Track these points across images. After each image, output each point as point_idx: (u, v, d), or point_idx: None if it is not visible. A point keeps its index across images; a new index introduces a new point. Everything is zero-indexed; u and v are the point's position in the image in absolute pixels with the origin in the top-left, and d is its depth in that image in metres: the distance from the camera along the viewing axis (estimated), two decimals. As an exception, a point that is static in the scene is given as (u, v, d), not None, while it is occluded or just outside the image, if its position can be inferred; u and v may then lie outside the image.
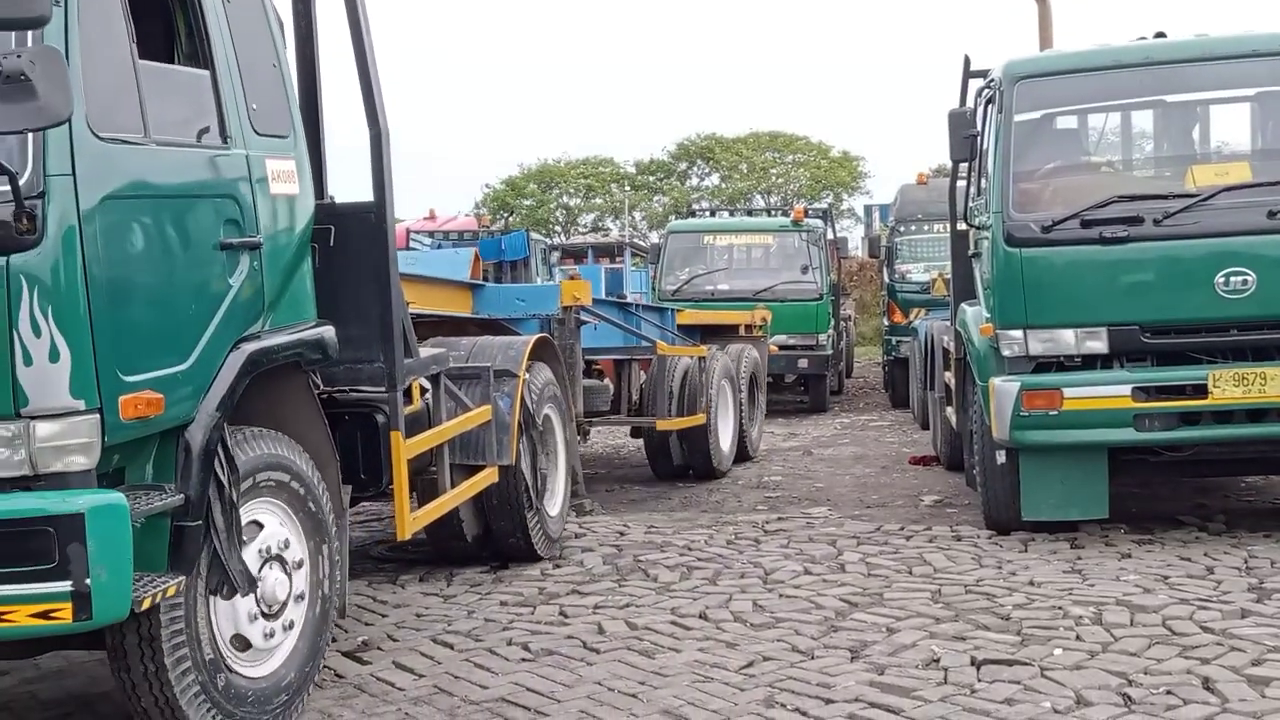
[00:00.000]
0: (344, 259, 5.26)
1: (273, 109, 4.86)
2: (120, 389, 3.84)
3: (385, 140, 5.38)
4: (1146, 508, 8.25)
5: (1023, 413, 7.06)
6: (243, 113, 4.63)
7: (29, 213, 3.59)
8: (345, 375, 5.35)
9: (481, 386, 6.65)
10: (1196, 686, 4.75)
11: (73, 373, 3.69)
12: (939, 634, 5.54)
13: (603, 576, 6.92)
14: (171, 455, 4.13)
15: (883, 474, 10.73)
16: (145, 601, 3.82)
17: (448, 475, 6.29)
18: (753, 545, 7.64)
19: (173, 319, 4.16)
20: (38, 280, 3.63)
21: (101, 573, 3.60)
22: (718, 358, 10.97)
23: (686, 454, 10.68)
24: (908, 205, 17.64)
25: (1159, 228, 7.03)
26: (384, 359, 5.33)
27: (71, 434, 3.70)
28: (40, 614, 3.58)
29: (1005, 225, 7.23)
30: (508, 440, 6.72)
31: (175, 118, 4.29)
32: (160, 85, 4.20)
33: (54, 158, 3.66)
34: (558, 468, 7.65)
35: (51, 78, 3.44)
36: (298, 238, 4.94)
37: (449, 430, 6.22)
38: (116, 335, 3.83)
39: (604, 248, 30.47)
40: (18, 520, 3.57)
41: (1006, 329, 7.25)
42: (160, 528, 4.01)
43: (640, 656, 5.38)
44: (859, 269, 32.41)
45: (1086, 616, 5.72)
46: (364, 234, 5.30)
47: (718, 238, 17.16)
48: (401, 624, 6.05)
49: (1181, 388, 7.02)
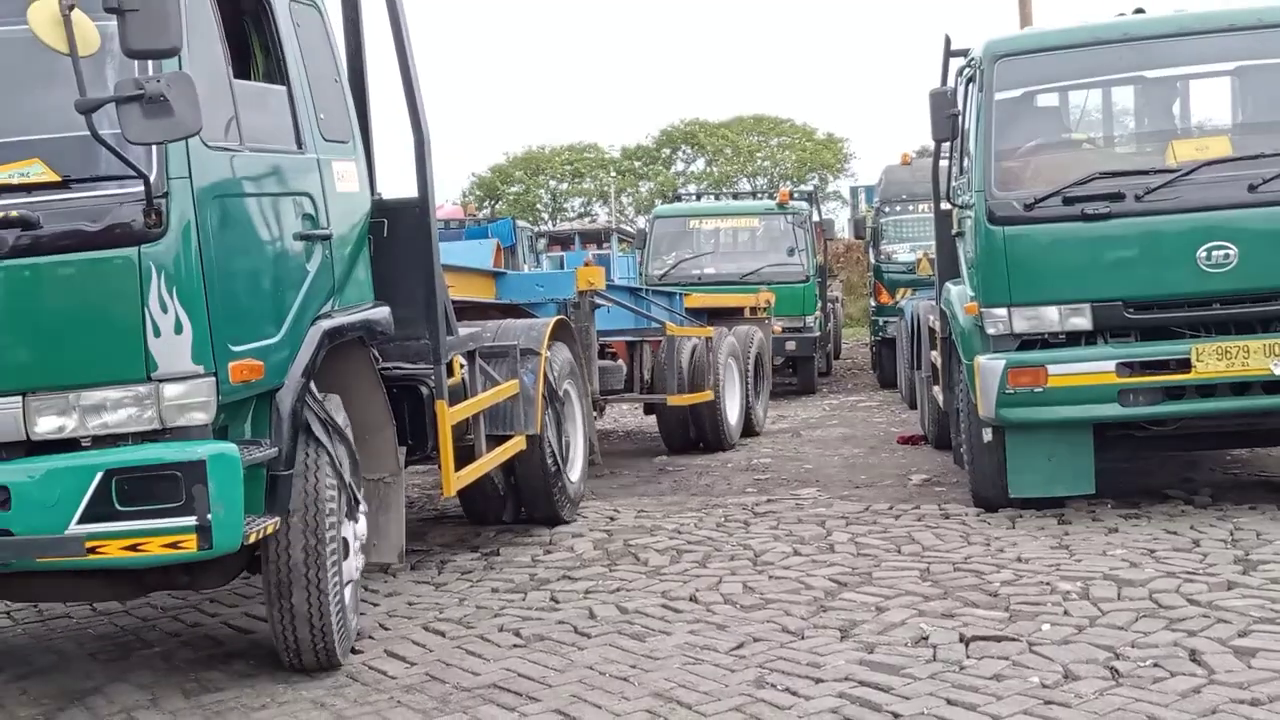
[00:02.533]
0: (393, 248, 5.99)
1: (336, 118, 5.63)
2: (230, 357, 4.54)
3: (427, 145, 6.09)
4: (1132, 483, 8.27)
5: (1008, 390, 7.07)
6: (313, 122, 5.36)
7: (157, 209, 4.29)
8: (396, 351, 6.08)
9: (509, 363, 7.34)
10: (1184, 658, 4.76)
11: (194, 343, 4.38)
12: (928, 612, 5.56)
13: (593, 561, 6.92)
14: (265, 415, 4.81)
15: (871, 454, 10.75)
16: (251, 536, 4.50)
17: (483, 441, 6.94)
18: (742, 527, 7.65)
19: (267, 299, 4.90)
20: (164, 266, 4.32)
21: (220, 509, 4.28)
22: (724, 338, 11.54)
23: (696, 429, 11.23)
24: (892, 186, 17.63)
25: (1140, 203, 7.03)
26: (429, 336, 6.03)
27: (193, 394, 4.40)
28: (170, 544, 4.27)
29: (988, 204, 7.23)
30: (534, 411, 7.39)
31: (261, 127, 5.00)
32: (249, 100, 4.93)
33: (174, 163, 4.37)
34: (577, 438, 8.28)
35: (185, 98, 4.14)
36: (358, 230, 5.73)
37: (485, 401, 6.89)
38: (226, 311, 4.53)
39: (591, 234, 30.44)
40: (151, 467, 4.25)
41: (991, 307, 7.26)
42: (258, 476, 4.67)
43: (631, 640, 5.39)
44: (845, 250, 32.41)
45: (1074, 591, 5.74)
46: (410, 226, 6.02)
47: (704, 222, 17.15)
48: (393, 612, 6.05)
49: (1165, 362, 7.03)
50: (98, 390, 4.32)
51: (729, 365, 11.58)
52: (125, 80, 4.16)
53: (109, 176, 4.28)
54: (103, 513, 4.22)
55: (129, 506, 4.24)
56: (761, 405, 12.84)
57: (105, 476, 4.22)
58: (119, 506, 4.23)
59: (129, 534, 4.24)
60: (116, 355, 4.32)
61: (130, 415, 4.33)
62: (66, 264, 4.29)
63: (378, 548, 5.78)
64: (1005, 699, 4.43)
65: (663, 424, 11.46)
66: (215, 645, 5.68)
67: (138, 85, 4.10)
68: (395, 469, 5.79)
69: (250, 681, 5.11)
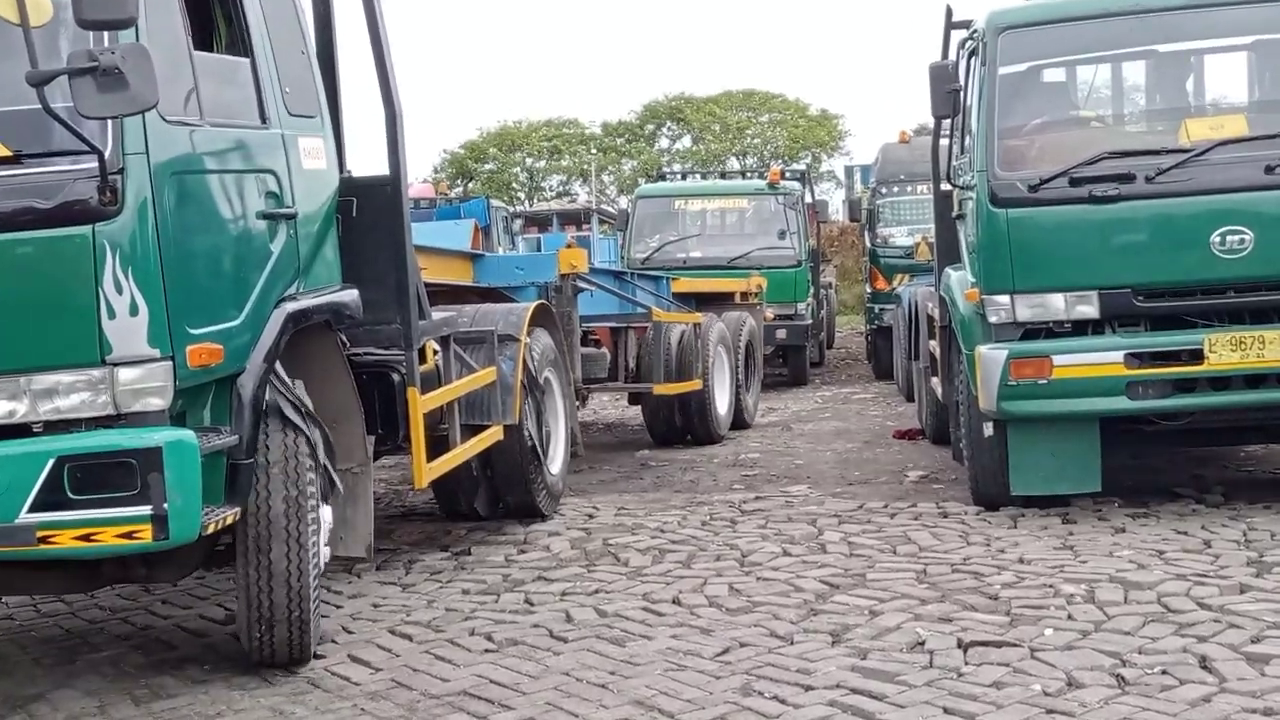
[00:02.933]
0: (363, 228, 6.06)
1: (303, 91, 5.69)
2: (188, 340, 4.63)
3: (399, 120, 6.16)
4: (1141, 480, 8.30)
5: (1010, 382, 7.09)
6: (278, 95, 5.44)
7: (112, 186, 4.34)
8: (365, 336, 6.14)
9: (486, 349, 7.39)
10: (1194, 665, 4.78)
11: (150, 325, 4.47)
12: (924, 616, 5.57)
13: (570, 561, 6.92)
14: (225, 401, 4.90)
15: (865, 449, 10.77)
16: (210, 527, 4.59)
17: (458, 431, 6.99)
18: (728, 526, 7.66)
19: (228, 281, 4.99)
20: (119, 245, 4.39)
21: (177, 498, 4.38)
22: (714, 325, 11.74)
23: (684, 420, 11.36)
24: (889, 166, 17.66)
25: (1151, 185, 7.05)
26: (400, 321, 6.09)
27: (149, 379, 4.49)
28: (125, 534, 4.34)
29: (990, 185, 7.24)
30: (512, 400, 7.46)
31: (223, 101, 5.10)
32: (210, 72, 5.02)
33: (130, 138, 4.42)
34: (559, 428, 8.40)
35: (141, 71, 4.18)
36: (326, 209, 5.81)
37: (459, 389, 6.95)
38: (184, 293, 4.62)
39: (569, 215, 30.40)
40: (105, 454, 4.33)
41: (992, 294, 7.27)
42: (218, 465, 4.77)
43: (610, 645, 5.39)
44: (840, 234, 32.43)
45: (1078, 595, 5.76)
46: (380, 205, 6.09)
47: (689, 202, 17.16)
48: (357, 615, 6.05)
49: (1176, 353, 7.05)
50: (50, 374, 4.38)
51: (718, 353, 11.70)
52: (78, 52, 4.18)
53: (62, 152, 4.32)
54: (54, 501, 4.29)
55: (82, 495, 4.31)
56: (753, 396, 12.98)
57: (57, 464, 4.28)
58: (71, 495, 4.30)
59: (82, 523, 4.32)
60: (69, 338, 4.39)
61: (83, 400, 4.40)
62: (17, 242, 4.34)
63: (345, 541, 5.85)
64: (1005, 708, 4.44)
65: (648, 415, 11.55)
66: (167, 649, 5.67)
67: (91, 57, 4.12)
68: (364, 459, 5.87)
69: (204, 688, 5.11)
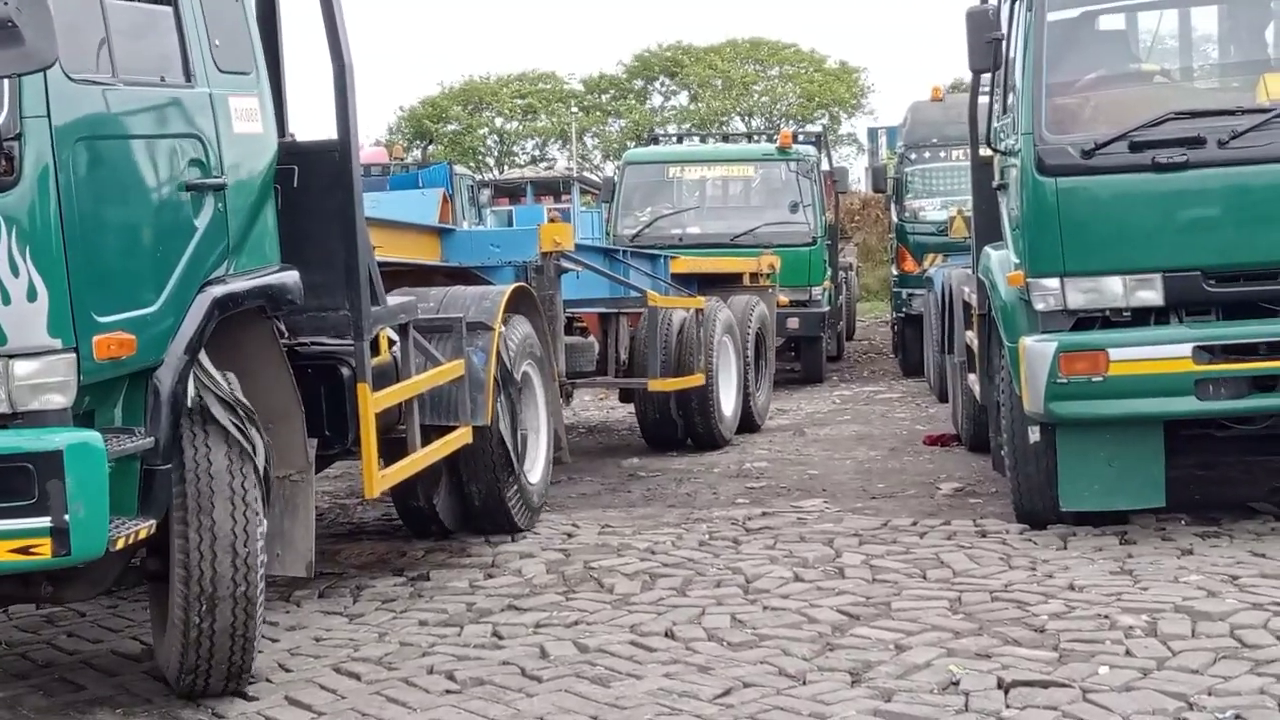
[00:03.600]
0: (307, 201, 6.06)
1: (236, 44, 5.70)
2: (95, 329, 4.67)
3: (350, 75, 6.19)
4: (1211, 494, 8.32)
5: (1060, 379, 7.10)
6: (206, 50, 5.44)
7: (6, 154, 4.39)
8: (309, 324, 6.16)
9: (454, 340, 7.39)
10: (1273, 709, 4.79)
11: (50, 312, 4.51)
12: (958, 651, 5.58)
13: (546, 588, 6.93)
14: (139, 399, 4.95)
15: (891, 457, 10.79)
16: (119, 542, 4.67)
17: (417, 433, 7.00)
18: (731, 547, 7.67)
19: (143, 261, 5.02)
20: (15, 220, 4.45)
21: (80, 509, 4.43)
22: (719, 311, 11.74)
23: (684, 420, 11.39)
24: (920, 127, 17.67)
25: (1225, 151, 7.07)
26: (350, 307, 6.12)
27: (49, 373, 4.54)
28: (20, 549, 4.41)
29: (1037, 150, 7.25)
30: (483, 398, 7.52)
31: (141, 56, 5.11)
32: (125, 23, 5.02)
33: (29, 100, 4.45)
34: (539, 430, 8.46)
35: (37, 25, 4.22)
36: (261, 178, 5.79)
37: (420, 384, 6.97)
38: (91, 275, 4.66)
39: (547, 184, 30.46)
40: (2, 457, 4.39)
41: (1039, 277, 7.28)
42: (130, 471, 4.82)
43: (592, 685, 5.39)
44: (862, 206, 32.51)
45: (1138, 627, 5.77)
46: (327, 174, 6.13)
47: (686, 170, 17.16)
48: (296, 650, 6.04)
49: (1254, 346, 7.08)
50: None
51: (724, 344, 11.73)
52: None
53: None
54: None
55: None
56: (763, 393, 13.06)
57: None
58: None
59: None
60: None
61: None
62: None
63: (282, 559, 5.86)
64: (1053, 758, 4.46)
65: (641, 414, 11.58)
66: (73, 689, 5.66)
67: None
68: (304, 465, 5.87)
69: (118, 735, 5.10)
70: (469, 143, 49.35)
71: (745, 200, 17.10)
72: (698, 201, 16.91)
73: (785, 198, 16.38)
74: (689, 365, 10.94)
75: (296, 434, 5.84)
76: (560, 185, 29.91)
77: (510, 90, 50.73)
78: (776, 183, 16.63)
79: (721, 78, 49.40)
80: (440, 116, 50.17)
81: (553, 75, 52.00)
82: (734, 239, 15.63)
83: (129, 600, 6.92)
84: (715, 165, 17.39)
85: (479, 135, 50.59)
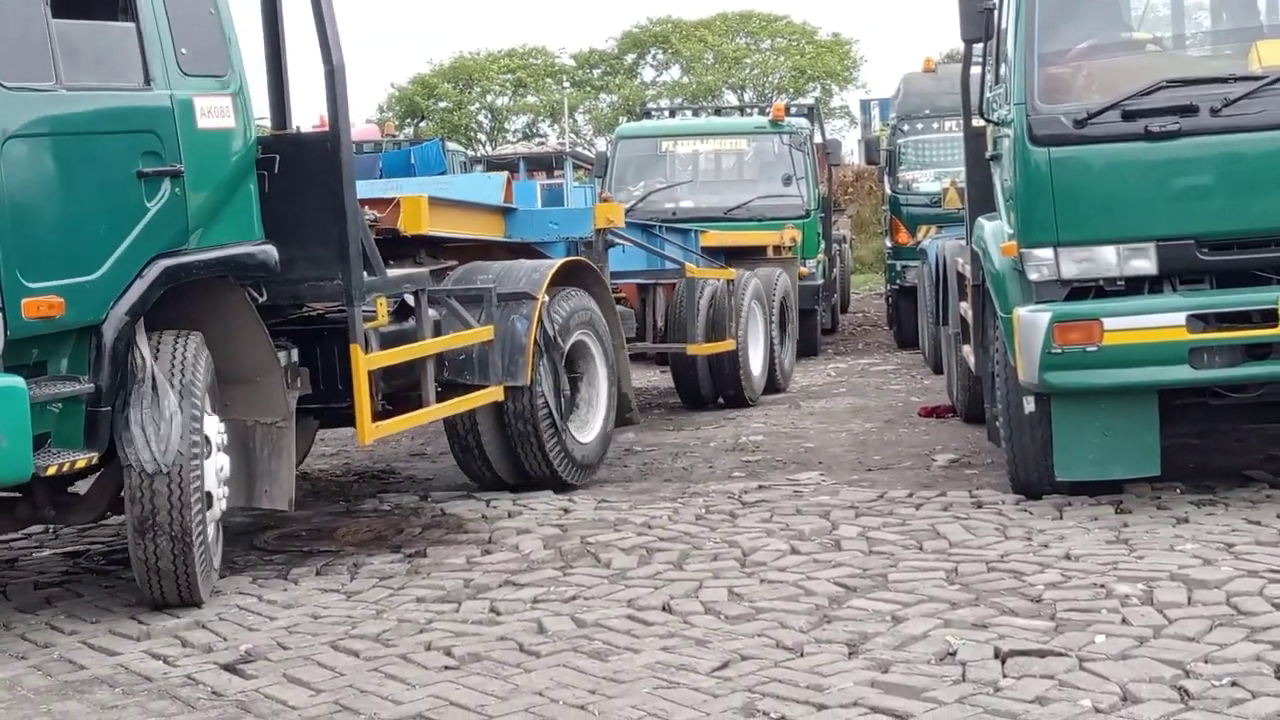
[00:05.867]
0: (304, 185, 6.95)
1: (205, 52, 6.58)
2: (23, 293, 5.62)
3: (340, 75, 6.98)
4: (1206, 462, 8.34)
5: (1054, 349, 7.10)
6: (169, 58, 6.33)
7: None
8: (309, 292, 7.11)
9: (485, 308, 8.19)
10: (1268, 675, 4.81)
11: None
12: (955, 622, 5.59)
13: (543, 563, 6.94)
14: (84, 352, 5.93)
15: (886, 429, 10.81)
16: (50, 469, 5.73)
17: (430, 391, 7.82)
18: (727, 520, 7.68)
19: (80, 236, 5.92)
20: None
21: (3, 440, 5.40)
22: (749, 281, 12.78)
23: (716, 382, 12.44)
24: (912, 99, 17.67)
25: (1218, 118, 7.06)
26: (342, 277, 6.93)
27: None
28: None
29: (1029, 119, 7.24)
30: (522, 360, 8.24)
31: (94, 65, 6.06)
32: (79, 39, 5.97)
33: None
34: (597, 394, 9.14)
35: None
36: (230, 166, 6.67)
37: (428, 347, 7.78)
38: (19, 248, 5.63)
39: (539, 159, 30.33)
40: None
41: (1033, 247, 7.28)
42: (76, 412, 5.90)
43: (590, 660, 5.40)
44: (855, 179, 32.48)
45: (1134, 596, 5.79)
46: (321, 161, 6.95)
47: (679, 144, 17.14)
48: (294, 628, 6.05)
49: (1248, 314, 7.08)
50: None
51: (753, 311, 12.72)
52: None
53: None
54: None
55: None
56: (788, 357, 14.04)
57: None
58: None
59: None
60: None
61: None
62: None
63: (269, 493, 6.82)
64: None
65: (678, 377, 12.50)
66: (72, 669, 5.66)
67: None
68: (285, 413, 6.81)
69: (116, 715, 5.10)
70: (460, 119, 49.23)
71: (738, 174, 17.10)
72: (691, 175, 16.88)
73: (778, 171, 16.39)
74: (721, 331, 11.90)
75: (277, 386, 6.75)
76: (553, 160, 29.82)
77: (500, 66, 50.60)
78: (769, 156, 16.63)
79: (713, 51, 49.30)
80: (431, 94, 50.04)
81: (543, 50, 51.86)
82: (727, 212, 15.62)
83: (126, 580, 6.94)
84: (708, 139, 17.37)
85: (469, 112, 50.47)
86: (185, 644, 5.88)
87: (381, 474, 9.91)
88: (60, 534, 8.25)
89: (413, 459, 10.58)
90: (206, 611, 6.30)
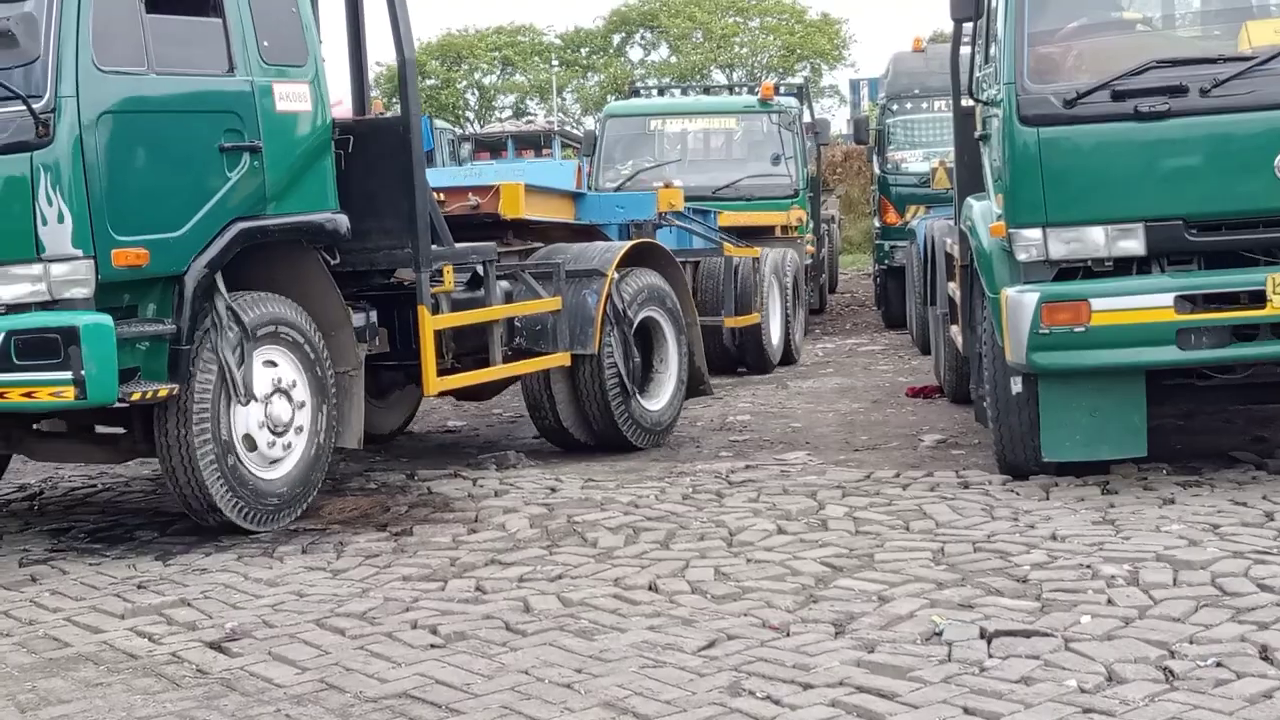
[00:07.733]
0: (379, 164, 7.97)
1: (287, 43, 7.56)
2: (113, 244, 6.64)
3: (411, 67, 8.08)
4: (1193, 443, 8.36)
5: (1042, 330, 7.11)
6: (251, 49, 7.33)
7: (44, 124, 6.45)
8: (383, 259, 8.10)
9: (555, 282, 9.06)
10: (1253, 656, 4.82)
11: (74, 230, 6.53)
12: (941, 602, 5.60)
13: (529, 542, 6.94)
14: (170, 298, 6.92)
15: (874, 409, 10.82)
16: (135, 395, 6.68)
17: (497, 352, 8.75)
18: (714, 500, 7.69)
19: (165, 198, 6.92)
20: (50, 168, 6.51)
21: (92, 367, 6.40)
22: (768, 258, 14.14)
23: (739, 351, 13.75)
24: (901, 78, 17.64)
25: (1207, 99, 7.05)
26: (411, 247, 7.94)
27: (74, 273, 6.56)
28: (54, 393, 6.47)
29: (1018, 99, 7.23)
30: (591, 331, 9.10)
31: (183, 54, 7.07)
32: (171, 32, 6.99)
33: (64, 84, 6.50)
34: (667, 366, 9.90)
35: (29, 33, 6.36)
36: (306, 144, 7.62)
37: (492, 313, 8.71)
38: (111, 205, 6.65)
39: (527, 138, 30.34)
40: (38, 330, 6.46)
41: (1021, 228, 7.28)
42: (161, 350, 6.87)
43: (576, 638, 5.41)
44: (844, 158, 32.47)
45: (1120, 576, 5.80)
46: (395, 144, 7.97)
47: (667, 122, 17.12)
48: (279, 606, 6.05)
49: (1235, 295, 7.09)
50: (6, 268, 6.55)
51: (771, 286, 14.05)
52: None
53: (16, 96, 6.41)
54: (5, 365, 6.44)
55: (24, 361, 6.43)
56: (800, 331, 15.18)
57: (7, 337, 6.44)
58: (17, 361, 6.43)
59: (24, 383, 6.48)
60: (16, 239, 6.53)
61: (27, 289, 6.56)
62: None
63: (340, 434, 7.77)
64: (1035, 707, 4.47)
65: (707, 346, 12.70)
66: (57, 646, 5.66)
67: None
68: (356, 363, 7.80)
69: (100, 692, 5.10)
70: (448, 98, 49.10)
71: (727, 153, 17.09)
72: (679, 154, 16.87)
73: (767, 150, 16.37)
74: (748, 305, 13.20)
75: (348, 340, 7.73)
76: (541, 139, 29.82)
77: (486, 44, 50.47)
78: (758, 135, 16.61)
79: (701, 30, 49.21)
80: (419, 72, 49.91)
81: (530, 28, 51.74)
82: (716, 192, 15.60)
83: (112, 559, 6.93)
84: (697, 118, 17.36)
85: (457, 89, 50.34)
86: (170, 622, 5.88)
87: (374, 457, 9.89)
88: (46, 511, 8.24)
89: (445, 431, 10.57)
90: (191, 589, 6.31)
